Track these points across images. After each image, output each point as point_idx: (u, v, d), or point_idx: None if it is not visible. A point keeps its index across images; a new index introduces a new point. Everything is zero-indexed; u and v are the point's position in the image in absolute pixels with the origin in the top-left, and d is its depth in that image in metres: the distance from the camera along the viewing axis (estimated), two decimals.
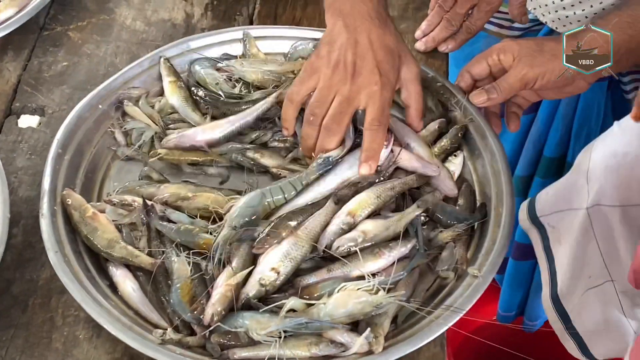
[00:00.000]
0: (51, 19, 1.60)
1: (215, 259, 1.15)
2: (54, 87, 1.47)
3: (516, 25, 1.67)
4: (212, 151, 1.34)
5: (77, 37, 1.57)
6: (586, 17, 1.47)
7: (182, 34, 1.56)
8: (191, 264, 1.16)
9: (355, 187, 1.26)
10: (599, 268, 1.27)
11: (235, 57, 1.47)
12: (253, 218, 1.19)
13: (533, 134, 1.72)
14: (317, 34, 1.51)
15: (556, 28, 1.55)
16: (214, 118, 1.38)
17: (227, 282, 1.13)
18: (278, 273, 1.15)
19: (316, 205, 1.24)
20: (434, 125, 1.37)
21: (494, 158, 1.32)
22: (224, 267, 1.16)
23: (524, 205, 1.34)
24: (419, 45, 1.58)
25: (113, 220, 1.24)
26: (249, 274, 1.16)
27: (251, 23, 1.63)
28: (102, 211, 1.25)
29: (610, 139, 1.35)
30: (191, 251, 1.18)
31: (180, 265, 1.16)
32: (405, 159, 1.30)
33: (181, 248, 1.19)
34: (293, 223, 1.20)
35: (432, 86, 1.42)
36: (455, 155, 1.33)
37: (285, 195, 1.23)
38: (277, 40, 1.51)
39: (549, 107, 1.67)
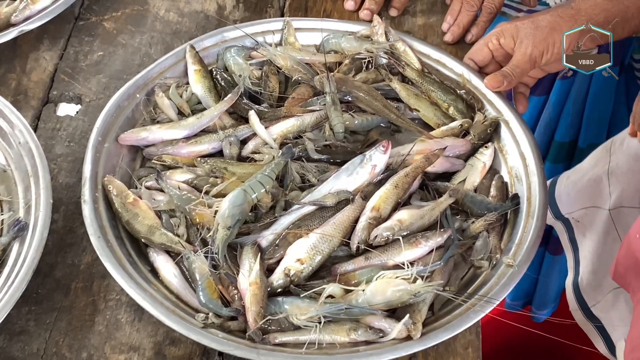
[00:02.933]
0: (86, 9, 1.62)
1: (222, 259, 1.17)
2: (90, 76, 1.50)
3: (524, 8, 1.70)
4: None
5: (111, 27, 1.59)
6: None
7: (215, 25, 1.58)
8: (209, 260, 1.18)
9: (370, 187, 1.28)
10: None
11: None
12: (239, 218, 1.21)
13: (544, 118, 1.74)
14: (347, 27, 1.54)
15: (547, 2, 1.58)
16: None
17: (250, 281, 1.15)
18: (304, 264, 1.18)
19: (324, 210, 1.26)
20: (456, 124, 1.39)
21: (526, 153, 1.34)
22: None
23: None
24: (447, 37, 1.61)
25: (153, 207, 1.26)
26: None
27: (282, 15, 1.65)
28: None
29: (633, 141, 1.37)
30: (204, 248, 1.19)
31: (200, 265, 1.18)
32: (436, 164, 1.32)
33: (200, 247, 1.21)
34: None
35: (458, 93, 1.43)
36: (486, 147, 1.35)
37: (266, 188, 1.25)
38: (307, 33, 1.53)
39: (560, 91, 1.69)
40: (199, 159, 1.33)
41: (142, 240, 1.23)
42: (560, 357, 1.88)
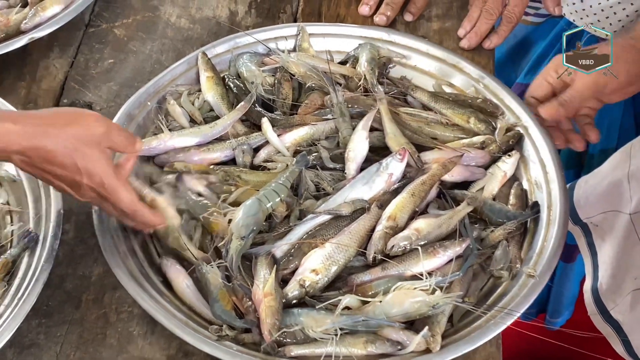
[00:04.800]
0: (96, 16, 1.60)
1: (235, 270, 1.15)
2: (101, 84, 1.48)
3: (541, 12, 1.66)
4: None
5: (122, 34, 1.57)
6: (602, 10, 1.47)
7: (227, 31, 1.56)
8: (222, 271, 1.16)
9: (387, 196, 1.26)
10: None
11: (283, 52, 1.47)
12: (254, 228, 1.19)
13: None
14: (362, 32, 1.51)
15: (574, 20, 1.54)
16: None
17: (264, 292, 1.12)
18: (319, 275, 1.15)
19: (340, 220, 1.23)
20: (478, 139, 1.36)
21: (546, 160, 1.31)
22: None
23: None
24: (464, 43, 1.58)
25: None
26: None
27: (295, 21, 1.63)
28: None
29: None
30: (216, 262, 1.17)
31: (213, 276, 1.16)
32: (455, 173, 1.30)
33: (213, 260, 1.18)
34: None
35: (474, 103, 1.40)
36: (509, 155, 1.32)
37: (281, 197, 1.22)
38: (321, 38, 1.51)
39: None
40: (212, 166, 1.31)
41: (157, 241, 1.22)
42: None
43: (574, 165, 1.75)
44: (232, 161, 1.34)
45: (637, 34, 1.32)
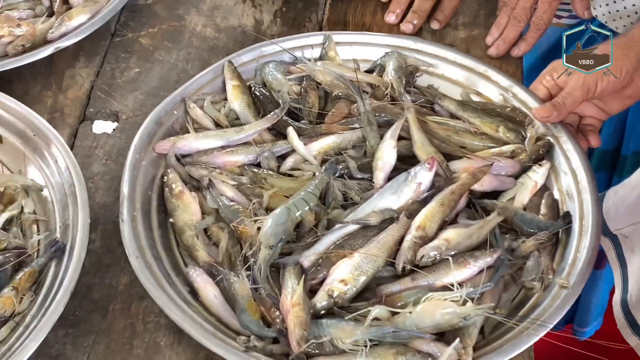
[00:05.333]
0: (122, 25, 1.60)
1: (264, 279, 1.14)
2: (127, 93, 1.48)
3: (573, 13, 1.65)
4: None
5: (148, 44, 1.57)
6: (636, 12, 1.45)
7: (252, 40, 1.55)
8: (250, 280, 1.15)
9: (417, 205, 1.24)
10: None
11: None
12: (283, 237, 1.18)
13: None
14: (388, 40, 1.50)
15: (606, 22, 1.52)
16: None
17: (292, 302, 1.11)
18: (347, 285, 1.13)
19: (368, 229, 1.22)
20: (508, 148, 1.34)
21: (577, 169, 1.29)
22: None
23: None
24: (492, 51, 1.56)
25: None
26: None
27: (320, 29, 1.62)
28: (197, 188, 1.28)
29: None
30: (244, 268, 1.16)
31: (241, 285, 1.15)
32: (485, 182, 1.28)
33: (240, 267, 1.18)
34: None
35: (503, 112, 1.39)
36: (540, 165, 1.30)
37: (310, 205, 1.21)
38: (347, 47, 1.50)
39: None
40: (245, 166, 1.31)
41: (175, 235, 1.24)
42: None
43: (606, 167, 1.73)
44: (255, 166, 1.33)
45: (632, 33, 1.31)
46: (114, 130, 1.41)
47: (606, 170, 1.72)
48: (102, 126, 1.42)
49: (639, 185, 1.45)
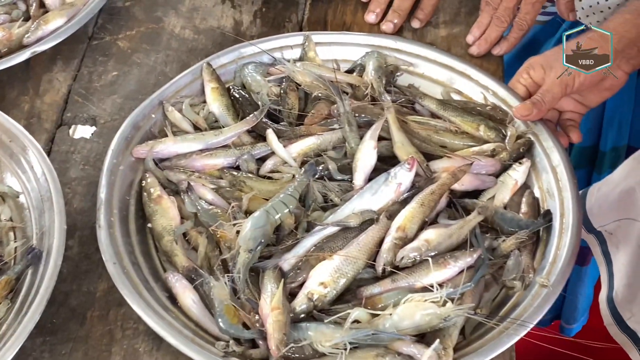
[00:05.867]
0: (99, 28, 1.59)
1: (243, 283, 1.13)
2: (104, 97, 1.46)
3: (548, 10, 1.65)
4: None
5: (126, 47, 1.56)
6: (609, 7, 1.45)
7: (232, 41, 1.54)
8: (229, 286, 1.14)
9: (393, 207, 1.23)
10: None
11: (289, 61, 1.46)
12: (262, 240, 1.17)
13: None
14: (368, 40, 1.50)
15: (579, 18, 1.52)
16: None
17: (272, 306, 1.10)
18: (327, 288, 1.13)
19: (348, 231, 1.21)
20: (488, 147, 1.33)
21: (558, 167, 1.28)
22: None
23: None
24: (473, 50, 1.56)
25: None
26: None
27: (300, 30, 1.61)
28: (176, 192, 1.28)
29: None
30: (227, 274, 1.15)
31: (219, 290, 1.14)
32: (466, 181, 1.27)
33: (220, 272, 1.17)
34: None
35: (484, 111, 1.39)
36: (520, 163, 1.29)
37: (290, 208, 1.21)
38: (327, 47, 1.49)
39: None
40: (224, 169, 1.30)
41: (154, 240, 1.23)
42: None
43: (585, 164, 1.73)
44: (235, 169, 1.32)
45: (606, 25, 1.31)
46: (92, 134, 1.40)
47: (585, 167, 1.72)
48: (80, 131, 1.41)
49: (621, 182, 1.45)
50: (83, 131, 1.40)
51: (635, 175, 1.42)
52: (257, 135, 1.37)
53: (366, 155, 1.29)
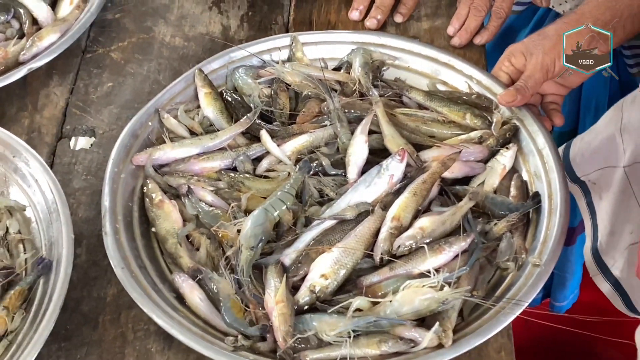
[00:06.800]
0: (92, 41, 1.63)
1: (247, 279, 1.17)
2: (102, 108, 1.50)
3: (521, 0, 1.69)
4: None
5: (119, 58, 1.59)
6: None
7: (221, 46, 1.58)
8: (233, 281, 1.18)
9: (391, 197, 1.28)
10: None
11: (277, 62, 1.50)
12: (262, 237, 1.21)
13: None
14: (353, 37, 1.53)
15: (553, 6, 1.56)
16: None
17: (276, 300, 1.14)
18: (328, 280, 1.17)
19: (345, 224, 1.25)
20: (476, 134, 1.38)
21: (544, 150, 1.32)
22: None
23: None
24: (454, 41, 1.60)
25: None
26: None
27: (287, 31, 1.65)
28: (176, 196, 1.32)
29: None
30: (226, 271, 1.19)
31: (224, 285, 1.18)
32: (455, 169, 1.32)
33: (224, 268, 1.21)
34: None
35: (469, 100, 1.43)
36: (507, 148, 1.34)
37: (287, 205, 1.25)
38: (314, 46, 1.53)
39: None
40: (222, 171, 1.35)
41: (158, 243, 1.27)
42: (587, 346, 1.87)
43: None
44: (232, 170, 1.36)
45: (580, 9, 1.34)
46: (91, 145, 1.44)
47: None
48: (80, 142, 1.45)
49: (604, 131, 1.48)
50: (83, 142, 1.44)
51: (615, 122, 1.45)
52: (252, 136, 1.41)
53: (358, 150, 1.33)
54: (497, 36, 1.59)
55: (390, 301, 1.14)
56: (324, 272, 1.18)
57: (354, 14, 1.64)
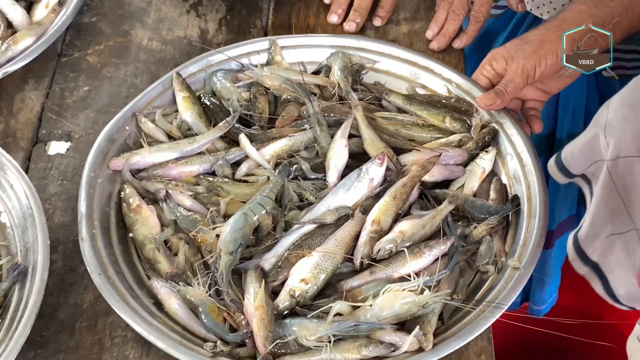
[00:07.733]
0: (68, 45, 1.61)
1: (226, 285, 1.16)
2: (78, 112, 1.49)
3: (500, 3, 1.69)
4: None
5: (95, 61, 1.58)
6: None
7: (199, 50, 1.57)
8: (207, 285, 1.17)
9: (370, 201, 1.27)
10: (623, 216, 1.27)
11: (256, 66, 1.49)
12: (242, 242, 1.20)
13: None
14: (332, 40, 1.53)
15: (530, 10, 1.57)
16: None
17: (255, 305, 1.13)
18: (308, 284, 1.16)
19: (325, 228, 1.25)
20: (455, 137, 1.38)
21: (522, 153, 1.33)
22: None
23: (552, 163, 1.35)
24: (433, 45, 1.60)
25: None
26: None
27: (266, 34, 1.64)
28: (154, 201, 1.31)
29: (626, 91, 1.36)
30: (206, 275, 1.19)
31: (194, 292, 1.17)
32: (435, 172, 1.31)
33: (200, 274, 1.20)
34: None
35: (448, 103, 1.43)
36: (486, 152, 1.34)
37: (267, 209, 1.24)
38: (293, 50, 1.53)
39: None
40: (201, 175, 1.33)
41: (136, 249, 1.26)
42: (567, 349, 1.87)
43: (543, 152, 1.77)
44: (211, 174, 1.36)
45: (562, 15, 1.35)
46: (67, 150, 1.42)
47: (543, 154, 1.76)
48: (55, 147, 1.43)
49: (588, 131, 1.48)
50: (59, 147, 1.43)
51: (601, 119, 1.46)
52: (231, 140, 1.41)
53: (338, 154, 1.33)
54: (476, 40, 1.59)
55: (371, 305, 1.13)
56: (303, 277, 1.17)
57: (333, 18, 1.64)
